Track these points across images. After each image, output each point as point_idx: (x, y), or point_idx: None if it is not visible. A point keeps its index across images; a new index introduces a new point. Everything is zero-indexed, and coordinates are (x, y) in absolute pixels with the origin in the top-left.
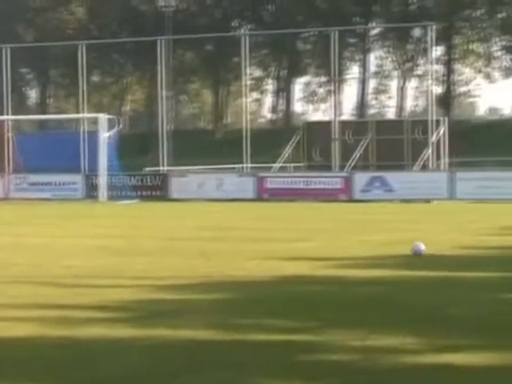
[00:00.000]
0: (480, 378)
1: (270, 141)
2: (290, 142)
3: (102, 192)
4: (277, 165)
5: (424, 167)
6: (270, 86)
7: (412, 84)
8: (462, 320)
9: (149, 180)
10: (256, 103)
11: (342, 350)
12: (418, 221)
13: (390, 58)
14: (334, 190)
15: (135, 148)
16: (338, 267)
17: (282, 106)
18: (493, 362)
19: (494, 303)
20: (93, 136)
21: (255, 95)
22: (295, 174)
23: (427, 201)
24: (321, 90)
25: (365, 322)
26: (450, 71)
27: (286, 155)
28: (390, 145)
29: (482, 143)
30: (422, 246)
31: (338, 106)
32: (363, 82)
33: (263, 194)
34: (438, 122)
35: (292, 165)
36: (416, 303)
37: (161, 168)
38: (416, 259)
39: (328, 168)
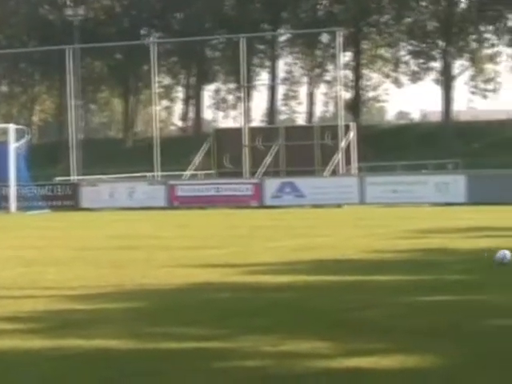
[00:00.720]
0: (392, 381)
1: (180, 149)
2: (201, 150)
3: (13, 203)
4: (187, 172)
5: (334, 172)
6: (179, 93)
7: (321, 90)
8: (373, 324)
9: (59, 190)
10: (166, 111)
11: (254, 356)
12: (329, 226)
13: (298, 64)
14: (245, 196)
15: (45, 158)
16: (250, 273)
17: (191, 114)
18: (404, 364)
19: (405, 306)
20: (2, 147)
21: (165, 103)
22: (206, 182)
23: (338, 206)
24: (230, 97)
25: (277, 328)
26: (358, 76)
27: (197, 163)
28: (300, 150)
29: (391, 147)
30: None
31: (247, 113)
32: (273, 89)
33: (174, 202)
34: (347, 127)
35: (203, 172)
36: (328, 308)
37: (71, 177)
38: (326, 264)
39: (239, 175)
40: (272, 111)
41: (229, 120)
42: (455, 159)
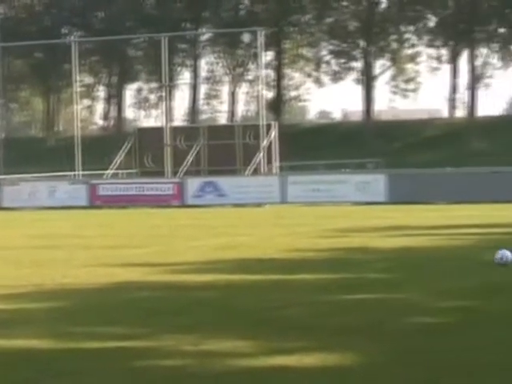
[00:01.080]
0: (314, 378)
1: (102, 148)
2: (122, 149)
3: None
4: (109, 171)
5: (256, 171)
6: (101, 92)
7: (243, 89)
8: (295, 322)
9: None
10: (87, 110)
11: (175, 355)
12: (251, 225)
13: (220, 64)
14: (167, 195)
15: None
16: (171, 273)
17: (113, 113)
18: (326, 362)
19: (327, 305)
20: None
21: (86, 102)
22: (127, 181)
23: (259, 205)
24: (152, 96)
25: (198, 327)
26: (280, 76)
27: (118, 162)
28: (221, 150)
29: (312, 147)
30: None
31: (169, 112)
32: (194, 88)
33: (95, 201)
34: (268, 126)
35: (124, 171)
36: (250, 307)
37: None
38: (248, 263)
39: (160, 174)
40: (194, 110)
41: (151, 119)
42: (376, 158)
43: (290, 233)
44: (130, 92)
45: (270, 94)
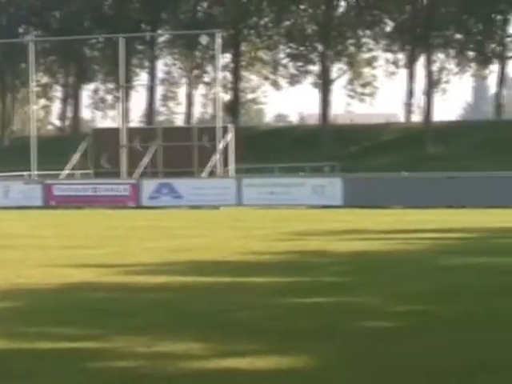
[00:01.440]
0: (266, 381)
1: (58, 148)
2: (78, 149)
3: None
4: (64, 172)
5: (212, 174)
6: (57, 92)
7: (200, 91)
8: (249, 325)
9: None
10: (44, 110)
11: (128, 357)
12: (206, 227)
13: (178, 65)
14: (122, 196)
15: None
16: (125, 274)
17: (70, 113)
18: (279, 365)
19: (281, 308)
20: None
21: (43, 102)
22: (83, 181)
23: (215, 207)
24: (109, 97)
25: (152, 329)
26: (237, 78)
27: (74, 162)
28: (178, 151)
29: (269, 150)
30: None
31: (126, 113)
32: (151, 89)
33: (50, 202)
34: (225, 128)
35: (80, 172)
36: (203, 309)
37: None
38: (203, 265)
39: (116, 175)
40: (151, 112)
41: (107, 120)
42: (332, 162)
43: (246, 235)
44: (86, 92)
45: (226, 97)
